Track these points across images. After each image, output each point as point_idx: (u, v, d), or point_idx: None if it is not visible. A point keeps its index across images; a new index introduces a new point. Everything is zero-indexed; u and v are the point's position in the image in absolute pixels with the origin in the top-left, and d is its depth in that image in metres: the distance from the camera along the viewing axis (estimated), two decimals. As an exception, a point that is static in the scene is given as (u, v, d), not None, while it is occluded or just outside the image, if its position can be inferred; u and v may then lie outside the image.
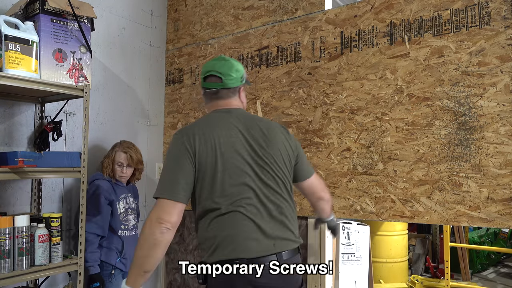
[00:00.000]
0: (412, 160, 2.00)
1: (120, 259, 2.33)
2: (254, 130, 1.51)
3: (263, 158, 1.47)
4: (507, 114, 1.78)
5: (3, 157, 1.82)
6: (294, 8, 2.48)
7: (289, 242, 1.46)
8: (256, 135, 1.50)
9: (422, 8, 2.02)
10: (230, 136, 1.47)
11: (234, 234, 1.40)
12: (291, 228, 1.49)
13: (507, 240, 6.03)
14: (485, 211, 1.81)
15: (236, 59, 2.70)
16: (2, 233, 1.71)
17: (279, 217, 1.46)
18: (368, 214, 2.12)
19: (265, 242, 1.40)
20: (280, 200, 1.49)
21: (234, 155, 1.44)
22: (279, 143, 1.53)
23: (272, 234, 1.42)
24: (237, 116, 1.54)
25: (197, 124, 1.54)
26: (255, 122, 1.54)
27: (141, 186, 2.94)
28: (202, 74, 1.60)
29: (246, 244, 1.39)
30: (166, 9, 3.19)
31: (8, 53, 1.75)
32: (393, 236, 4.45)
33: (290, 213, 1.52)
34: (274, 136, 1.53)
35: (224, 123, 1.51)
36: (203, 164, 1.42)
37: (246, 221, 1.41)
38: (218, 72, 1.55)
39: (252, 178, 1.44)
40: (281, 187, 1.51)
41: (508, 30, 1.79)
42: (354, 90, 2.21)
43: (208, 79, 1.58)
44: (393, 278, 4.40)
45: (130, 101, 2.87)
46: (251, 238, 1.40)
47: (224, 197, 1.41)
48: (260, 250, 1.39)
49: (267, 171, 1.47)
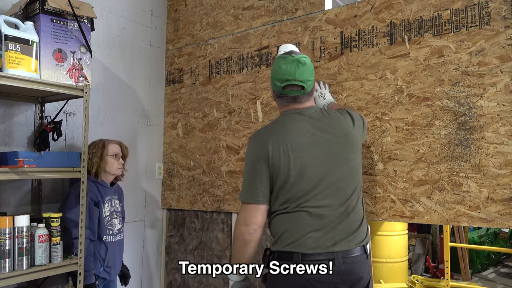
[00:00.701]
0: (412, 160, 2.00)
1: (104, 267, 2.17)
2: (326, 128, 1.57)
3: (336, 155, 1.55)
4: (507, 114, 1.78)
5: (3, 157, 1.82)
6: (294, 8, 2.49)
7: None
8: (328, 133, 1.56)
9: (422, 8, 2.02)
10: (302, 138, 1.53)
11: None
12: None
13: (507, 240, 6.03)
14: (485, 211, 1.81)
15: (236, 58, 2.72)
16: (2, 233, 1.70)
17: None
18: (368, 214, 2.12)
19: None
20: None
21: (307, 156, 1.51)
22: (348, 136, 1.59)
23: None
24: (311, 116, 1.59)
25: (271, 128, 1.61)
26: (326, 120, 1.59)
27: (141, 186, 2.94)
28: (280, 82, 1.58)
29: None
30: (166, 9, 3.19)
31: (8, 53, 1.75)
32: (393, 236, 4.45)
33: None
34: (344, 131, 1.59)
35: (297, 125, 1.56)
36: (276, 167, 1.51)
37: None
38: (299, 80, 1.56)
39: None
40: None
41: (508, 30, 1.79)
42: (354, 90, 2.21)
43: (288, 88, 1.58)
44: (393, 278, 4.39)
45: (130, 101, 2.87)
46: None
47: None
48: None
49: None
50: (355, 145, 1.60)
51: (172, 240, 3.03)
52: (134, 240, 2.88)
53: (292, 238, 1.47)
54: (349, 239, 1.49)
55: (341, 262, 1.44)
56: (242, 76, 2.68)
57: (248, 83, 2.65)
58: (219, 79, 2.81)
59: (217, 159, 2.76)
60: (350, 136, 1.59)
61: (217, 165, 2.76)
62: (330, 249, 1.45)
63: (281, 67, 1.57)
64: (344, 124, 1.60)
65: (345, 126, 1.60)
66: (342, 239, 1.48)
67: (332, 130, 1.57)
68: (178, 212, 3.01)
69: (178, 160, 3.00)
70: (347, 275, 1.46)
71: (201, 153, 2.86)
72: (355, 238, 1.51)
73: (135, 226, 2.90)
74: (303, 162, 1.50)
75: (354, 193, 1.56)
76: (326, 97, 1.95)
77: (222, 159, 2.74)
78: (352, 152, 1.59)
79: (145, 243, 2.97)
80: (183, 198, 2.94)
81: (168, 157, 3.08)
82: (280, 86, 1.58)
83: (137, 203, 2.93)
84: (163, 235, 3.07)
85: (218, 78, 2.82)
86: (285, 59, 1.58)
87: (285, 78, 1.56)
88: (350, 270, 1.46)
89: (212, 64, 2.86)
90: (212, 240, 2.80)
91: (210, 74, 2.87)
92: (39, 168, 1.83)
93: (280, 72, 1.57)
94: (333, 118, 1.61)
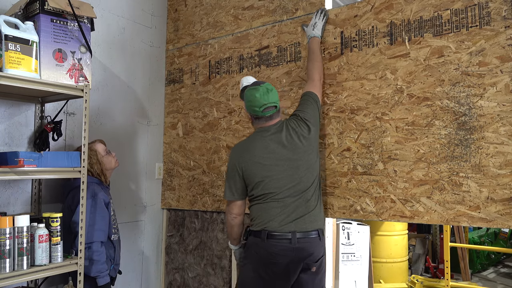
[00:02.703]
0: (412, 160, 2.00)
1: (114, 266, 2.24)
2: (286, 138, 2.01)
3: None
4: (507, 114, 1.78)
5: (3, 157, 1.82)
6: (294, 8, 2.48)
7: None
8: (287, 142, 2.01)
9: (422, 8, 2.02)
10: (268, 149, 2.00)
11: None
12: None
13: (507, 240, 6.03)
14: (485, 211, 1.81)
15: (236, 58, 2.72)
16: (2, 233, 1.70)
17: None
18: (368, 214, 2.12)
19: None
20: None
21: (273, 163, 1.98)
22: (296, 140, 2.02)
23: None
24: (275, 131, 2.03)
25: (247, 143, 2.09)
26: (286, 132, 2.03)
27: (141, 186, 2.94)
28: (259, 107, 2.00)
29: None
30: (166, 9, 3.19)
31: (8, 53, 1.75)
32: (393, 236, 4.46)
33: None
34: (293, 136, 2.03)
35: (265, 140, 2.02)
36: (247, 174, 2.01)
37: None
38: (272, 102, 2.02)
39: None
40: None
41: (508, 30, 1.79)
42: (354, 90, 2.21)
43: (265, 110, 2.01)
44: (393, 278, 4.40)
45: (130, 101, 2.87)
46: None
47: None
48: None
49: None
50: (310, 147, 2.03)
51: (172, 240, 3.03)
52: (134, 240, 2.88)
53: (263, 221, 1.96)
54: (305, 223, 1.94)
55: (296, 241, 1.89)
56: (242, 76, 2.68)
57: (248, 83, 2.65)
58: (219, 79, 2.81)
59: (217, 159, 2.76)
60: (305, 141, 2.01)
61: (217, 165, 2.76)
62: (289, 230, 1.91)
63: (256, 96, 2.00)
64: (300, 133, 2.03)
65: (300, 134, 2.02)
66: (299, 224, 1.93)
67: (290, 139, 2.01)
68: (178, 212, 3.01)
69: (178, 160, 3.00)
70: (300, 251, 1.90)
71: (201, 153, 2.86)
72: (310, 223, 1.95)
73: (135, 226, 2.90)
74: (270, 169, 1.97)
75: (311, 186, 1.99)
76: (316, 29, 2.28)
77: (222, 159, 2.74)
78: (308, 154, 2.01)
79: (145, 243, 2.97)
80: (183, 198, 2.94)
81: (168, 157, 3.08)
82: (260, 110, 2.00)
83: (137, 203, 2.93)
84: (163, 235, 3.07)
85: (218, 78, 2.82)
86: (256, 89, 2.01)
87: (262, 103, 1.99)
88: (303, 248, 1.90)
89: (212, 64, 2.86)
90: (212, 240, 2.80)
91: (210, 74, 2.87)
92: (39, 168, 1.83)
93: (256, 100, 2.00)
94: (290, 129, 2.03)
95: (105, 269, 2.11)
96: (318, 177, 2.06)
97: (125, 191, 2.85)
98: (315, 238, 1.94)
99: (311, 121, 2.07)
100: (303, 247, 1.90)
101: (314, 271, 1.95)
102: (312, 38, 2.28)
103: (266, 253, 1.92)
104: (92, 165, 2.22)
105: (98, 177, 2.25)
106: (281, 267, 1.90)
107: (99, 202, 2.15)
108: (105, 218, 2.18)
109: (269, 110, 2.02)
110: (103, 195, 2.20)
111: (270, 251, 1.90)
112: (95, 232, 2.10)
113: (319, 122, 2.14)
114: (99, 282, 2.08)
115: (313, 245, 1.93)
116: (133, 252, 2.88)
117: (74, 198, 2.12)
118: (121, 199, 2.78)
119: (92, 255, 2.07)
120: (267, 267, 1.92)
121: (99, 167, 2.25)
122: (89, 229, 2.08)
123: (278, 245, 1.89)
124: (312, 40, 2.28)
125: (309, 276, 1.95)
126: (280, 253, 1.89)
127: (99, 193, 2.18)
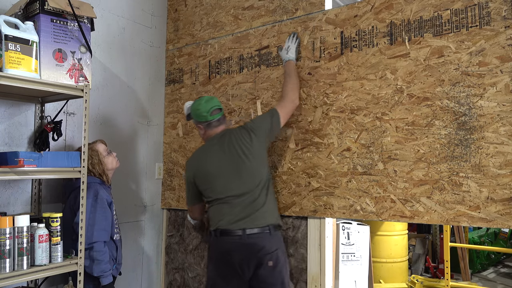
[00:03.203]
0: (412, 160, 2.00)
1: (116, 265, 2.25)
2: (229, 146, 2.18)
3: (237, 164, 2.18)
4: (507, 114, 1.78)
5: (3, 157, 1.82)
6: (294, 8, 2.48)
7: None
8: (231, 149, 2.17)
9: (422, 8, 2.02)
10: (214, 159, 2.19)
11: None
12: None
13: (507, 240, 6.03)
14: (485, 211, 1.81)
15: (236, 58, 2.72)
16: (2, 233, 1.70)
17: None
18: (368, 214, 2.13)
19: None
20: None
21: (219, 171, 2.17)
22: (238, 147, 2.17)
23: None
24: (219, 140, 2.22)
25: (196, 155, 2.29)
26: (229, 140, 2.20)
27: (141, 186, 2.94)
28: (206, 111, 2.21)
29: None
30: (166, 9, 3.19)
31: (8, 53, 1.75)
32: (393, 236, 4.46)
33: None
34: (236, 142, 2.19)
35: (211, 150, 2.22)
36: (199, 183, 2.24)
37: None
38: (217, 105, 2.26)
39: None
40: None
41: (508, 30, 1.79)
42: (354, 90, 2.21)
43: (213, 113, 2.23)
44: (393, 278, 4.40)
45: (130, 101, 2.87)
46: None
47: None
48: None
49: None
50: (251, 154, 2.15)
51: (172, 240, 3.02)
52: (134, 240, 2.88)
53: (216, 220, 2.14)
54: (254, 221, 2.07)
55: (246, 237, 2.03)
56: (242, 76, 2.68)
57: (248, 83, 2.65)
58: (219, 79, 2.81)
59: (217, 159, 2.76)
60: (246, 149, 2.15)
61: (217, 165, 2.76)
62: (239, 227, 2.05)
63: (201, 104, 2.24)
64: (241, 139, 2.17)
65: (242, 140, 2.17)
66: (248, 222, 2.06)
67: (232, 147, 2.16)
68: (178, 212, 3.01)
69: (178, 160, 3.00)
70: (251, 246, 2.04)
71: (201, 153, 2.86)
72: (260, 220, 2.07)
73: (135, 226, 2.90)
74: (216, 175, 2.16)
75: (257, 188, 2.12)
76: (290, 52, 2.38)
77: (222, 159, 2.74)
78: (250, 160, 2.14)
79: (145, 243, 2.97)
80: (183, 198, 2.94)
81: (168, 157, 3.08)
82: (208, 114, 2.21)
83: (137, 203, 2.93)
84: (163, 235, 3.07)
85: (218, 78, 2.82)
86: (200, 99, 2.27)
87: (209, 107, 2.22)
88: (254, 243, 2.03)
89: (212, 64, 2.86)
90: (212, 240, 2.80)
91: (210, 74, 2.87)
92: (39, 168, 1.83)
93: (202, 106, 2.23)
94: (233, 137, 2.20)
95: (108, 269, 2.11)
96: (266, 178, 2.18)
97: (125, 191, 2.85)
98: (265, 233, 2.06)
99: (256, 131, 2.20)
100: (254, 242, 2.04)
101: (271, 266, 2.05)
102: (288, 61, 2.38)
103: (221, 251, 2.09)
104: (94, 165, 2.22)
105: (100, 177, 2.25)
106: (235, 263, 2.05)
107: (102, 201, 2.15)
108: (108, 217, 2.18)
109: (216, 113, 2.24)
110: (106, 195, 2.20)
111: (224, 248, 2.08)
112: (98, 232, 2.10)
113: (266, 134, 2.22)
114: (103, 281, 2.09)
115: (264, 240, 2.05)
116: (133, 252, 2.88)
117: (77, 199, 2.12)
118: (121, 199, 2.78)
119: (95, 255, 2.07)
120: (224, 264, 2.08)
121: (101, 167, 2.25)
122: (92, 229, 2.08)
123: (230, 242, 2.06)
124: (288, 64, 2.37)
125: (267, 271, 2.05)
126: (232, 249, 2.05)
127: (102, 193, 2.18)
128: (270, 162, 2.49)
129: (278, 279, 2.07)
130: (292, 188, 2.40)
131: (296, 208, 2.37)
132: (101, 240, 2.10)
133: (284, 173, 2.44)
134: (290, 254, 2.41)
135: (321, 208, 2.28)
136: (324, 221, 2.31)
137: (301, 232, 2.37)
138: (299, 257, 2.38)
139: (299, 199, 2.36)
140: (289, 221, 2.43)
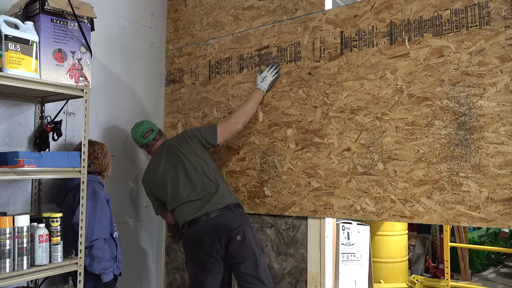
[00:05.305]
0: (412, 160, 2.00)
1: (116, 263, 2.25)
2: (170, 153, 2.42)
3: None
4: (507, 114, 1.78)
5: (3, 157, 1.82)
6: (294, 8, 2.48)
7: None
8: (172, 156, 2.41)
9: (422, 8, 2.02)
10: (160, 169, 2.42)
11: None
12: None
13: (507, 240, 6.03)
14: (485, 211, 1.81)
15: (236, 58, 2.72)
16: (2, 233, 1.70)
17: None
18: (368, 214, 2.13)
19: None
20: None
21: (168, 178, 2.40)
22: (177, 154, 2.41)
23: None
24: (161, 151, 2.47)
25: (147, 170, 2.54)
26: (168, 148, 2.45)
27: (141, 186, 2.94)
28: (140, 136, 2.52)
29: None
30: (166, 9, 3.19)
31: (8, 53, 1.75)
32: (393, 236, 4.45)
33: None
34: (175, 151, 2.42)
35: (157, 163, 2.44)
36: (156, 193, 2.49)
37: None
38: (148, 127, 2.54)
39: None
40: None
41: (508, 30, 1.79)
42: (354, 90, 2.21)
43: (145, 136, 2.52)
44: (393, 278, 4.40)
45: (130, 101, 2.87)
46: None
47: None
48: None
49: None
50: (188, 149, 2.37)
51: (172, 240, 3.02)
52: (134, 240, 2.88)
53: (182, 217, 2.32)
54: (213, 205, 2.25)
55: (211, 219, 2.22)
56: (242, 76, 2.68)
57: (248, 83, 2.65)
58: (219, 79, 2.81)
59: (217, 159, 2.75)
60: (182, 146, 2.38)
61: (217, 165, 2.76)
62: (202, 213, 2.24)
63: (133, 132, 2.56)
64: (177, 142, 2.43)
65: (178, 142, 2.42)
66: (208, 208, 2.24)
67: (172, 150, 2.40)
68: (178, 212, 3.01)
69: (178, 160, 3.00)
70: (217, 225, 2.22)
71: (201, 153, 2.86)
72: (218, 203, 2.25)
73: (135, 226, 2.90)
74: (167, 183, 2.37)
75: (205, 177, 2.32)
76: (264, 82, 2.50)
77: (221, 159, 2.74)
78: (189, 154, 2.36)
79: (145, 243, 2.97)
80: (183, 198, 2.94)
81: (168, 157, 3.07)
82: (141, 138, 2.51)
83: (137, 203, 2.93)
84: (163, 235, 3.07)
85: (218, 78, 2.82)
86: (132, 129, 2.58)
87: (140, 132, 2.52)
88: (218, 222, 2.22)
89: (212, 64, 2.86)
90: (212, 240, 2.80)
91: (210, 74, 2.87)
92: (39, 168, 1.83)
93: (135, 134, 2.54)
94: (171, 142, 2.46)
95: (109, 266, 2.12)
96: (211, 167, 2.38)
97: (125, 191, 2.85)
98: (228, 212, 2.25)
99: (189, 134, 2.44)
100: (219, 222, 2.22)
101: (240, 239, 2.21)
102: (258, 89, 2.50)
103: (193, 239, 2.27)
104: (100, 160, 2.29)
105: (101, 174, 2.29)
106: (207, 246, 2.21)
107: (101, 199, 2.17)
108: (107, 215, 2.20)
109: (148, 135, 2.52)
110: (104, 193, 2.22)
111: (195, 235, 2.25)
112: (98, 229, 2.10)
113: (198, 141, 2.42)
114: (104, 279, 2.10)
115: (228, 218, 2.23)
116: (133, 252, 2.87)
117: (75, 198, 2.13)
118: (121, 199, 2.78)
119: (96, 252, 2.07)
120: (198, 249, 2.24)
121: (106, 161, 2.33)
122: (92, 226, 2.08)
123: (198, 228, 2.24)
124: (257, 91, 2.50)
125: (237, 245, 2.20)
126: (202, 233, 2.23)
127: (100, 190, 2.20)
128: (270, 162, 2.49)
129: (249, 251, 2.21)
130: (292, 188, 2.40)
131: (296, 208, 2.38)
132: (101, 237, 2.11)
133: (284, 173, 2.44)
134: (290, 254, 2.41)
135: (321, 208, 2.28)
136: (324, 221, 2.31)
137: (301, 232, 2.38)
138: (299, 257, 2.38)
139: (299, 199, 2.36)
140: (289, 221, 2.43)
